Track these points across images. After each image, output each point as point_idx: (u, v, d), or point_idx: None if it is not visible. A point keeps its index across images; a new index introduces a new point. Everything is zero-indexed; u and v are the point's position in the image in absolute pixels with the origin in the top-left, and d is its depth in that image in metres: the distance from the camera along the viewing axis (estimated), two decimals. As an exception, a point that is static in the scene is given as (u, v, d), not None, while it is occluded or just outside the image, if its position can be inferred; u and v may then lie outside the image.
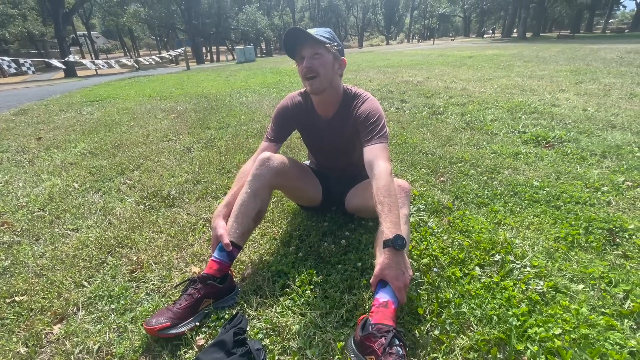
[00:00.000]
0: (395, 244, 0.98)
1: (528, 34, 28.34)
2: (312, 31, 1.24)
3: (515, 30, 31.72)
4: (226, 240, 1.18)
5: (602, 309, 1.08)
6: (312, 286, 1.24)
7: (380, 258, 1.02)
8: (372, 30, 61.77)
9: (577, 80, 5.15)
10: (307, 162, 1.71)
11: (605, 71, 5.85)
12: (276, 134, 1.44)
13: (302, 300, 1.19)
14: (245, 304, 1.19)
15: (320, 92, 1.30)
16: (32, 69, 11.98)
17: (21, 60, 11.01)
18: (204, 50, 34.39)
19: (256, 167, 1.28)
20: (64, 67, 15.46)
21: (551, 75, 5.72)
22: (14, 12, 25.13)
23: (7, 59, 10.52)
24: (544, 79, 5.45)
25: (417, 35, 55.69)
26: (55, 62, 12.09)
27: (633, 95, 3.96)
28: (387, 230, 1.02)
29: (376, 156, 1.19)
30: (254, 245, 1.54)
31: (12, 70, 10.88)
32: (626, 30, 29.90)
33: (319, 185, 1.56)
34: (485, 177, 2.07)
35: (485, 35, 40.41)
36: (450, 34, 55.57)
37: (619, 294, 1.13)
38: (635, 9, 32.03)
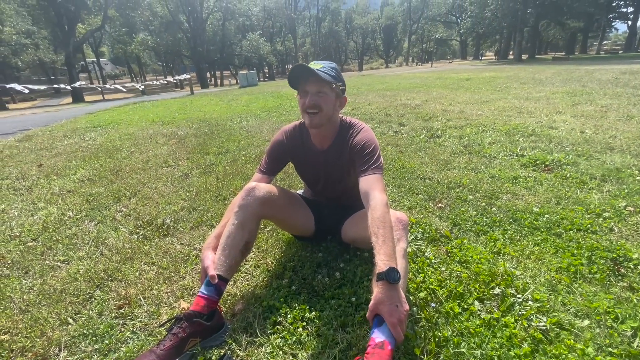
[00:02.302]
0: (389, 277, 0.95)
1: (524, 56, 29.01)
2: (319, 65, 1.25)
3: (511, 53, 32.53)
4: (212, 272, 1.15)
5: (610, 349, 1.02)
6: (304, 323, 1.19)
7: (375, 292, 0.99)
8: (372, 54, 63.51)
9: (573, 102, 5.20)
10: (301, 192, 1.70)
11: (602, 92, 5.91)
12: (270, 166, 1.45)
13: (294, 338, 1.14)
14: (234, 343, 1.14)
15: (318, 126, 1.32)
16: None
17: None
18: (208, 75, 35.43)
19: (242, 197, 1.27)
20: (71, 90, 15.96)
21: (548, 97, 5.79)
22: (27, 41, 26.23)
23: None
24: (541, 100, 5.51)
25: (416, 58, 57.17)
26: (63, 86, 12.49)
27: (630, 116, 3.97)
28: (380, 262, 0.99)
29: (372, 187, 1.18)
30: (247, 277, 1.50)
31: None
32: (620, 52, 30.55)
33: (310, 214, 1.54)
34: (484, 203, 2.04)
35: (482, 58, 41.46)
36: (448, 57, 57.01)
37: (626, 331, 1.08)
38: (628, 31, 32.91)
